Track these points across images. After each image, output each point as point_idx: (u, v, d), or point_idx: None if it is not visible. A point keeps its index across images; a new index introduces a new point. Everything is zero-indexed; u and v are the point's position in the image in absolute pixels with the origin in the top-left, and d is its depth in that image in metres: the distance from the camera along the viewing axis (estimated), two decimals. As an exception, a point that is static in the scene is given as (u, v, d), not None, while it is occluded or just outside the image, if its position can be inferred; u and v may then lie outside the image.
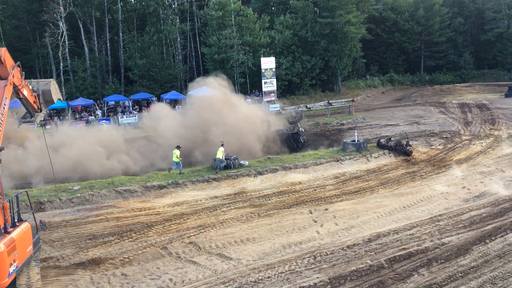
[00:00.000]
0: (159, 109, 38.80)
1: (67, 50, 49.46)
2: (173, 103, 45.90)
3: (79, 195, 21.02)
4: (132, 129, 37.20)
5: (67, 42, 49.08)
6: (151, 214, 19.26)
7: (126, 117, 41.29)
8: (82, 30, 51.59)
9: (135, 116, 41.69)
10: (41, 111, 16.24)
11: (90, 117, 40.82)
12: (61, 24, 47.94)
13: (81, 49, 52.39)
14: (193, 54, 59.70)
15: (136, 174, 25.35)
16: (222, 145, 25.22)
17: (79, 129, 34.97)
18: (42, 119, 17.24)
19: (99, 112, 42.59)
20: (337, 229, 17.29)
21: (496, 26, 68.61)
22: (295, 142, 31.26)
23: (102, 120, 40.14)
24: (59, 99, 17.22)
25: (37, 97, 15.55)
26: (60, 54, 48.51)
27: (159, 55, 53.39)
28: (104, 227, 17.85)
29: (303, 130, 31.58)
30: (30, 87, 15.58)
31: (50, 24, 47.79)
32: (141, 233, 17.15)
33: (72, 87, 49.41)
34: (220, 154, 24.77)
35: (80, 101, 43.44)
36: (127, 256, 15.05)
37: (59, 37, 48.30)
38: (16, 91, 14.31)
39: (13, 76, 13.46)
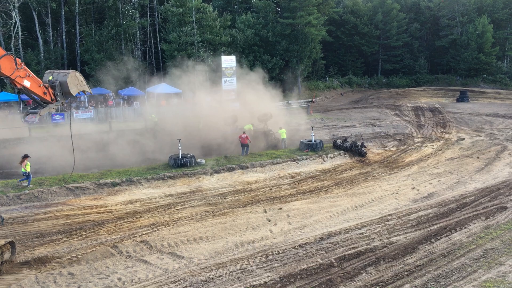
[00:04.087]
0: None
1: (20, 42, 47.75)
2: (131, 99, 45.15)
3: (27, 191, 20.33)
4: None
5: (20, 33, 47.40)
6: (103, 212, 18.85)
7: (81, 112, 40.23)
8: (36, 21, 49.97)
9: (91, 112, 40.70)
10: (56, 101, 15.53)
11: (43, 112, 39.45)
12: (14, 15, 46.25)
13: (35, 41, 50.73)
14: (152, 50, 58.90)
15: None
16: (280, 128, 30.52)
17: None
18: (52, 110, 16.56)
19: (52, 106, 41.21)
20: (290, 228, 17.46)
21: (450, 33, 71.25)
22: (266, 140, 31.05)
23: (56, 115, 38.95)
24: (83, 92, 16.40)
25: (49, 88, 14.95)
26: (12, 45, 46.74)
27: (118, 50, 52.34)
28: (52, 225, 17.33)
29: (271, 130, 31.50)
30: (50, 77, 15.14)
31: (3, 14, 45.99)
32: (91, 231, 16.76)
33: (24, 80, 47.61)
34: (283, 134, 30.16)
35: (33, 95, 41.91)
36: (75, 255, 14.66)
37: (12, 28, 46.57)
38: (13, 82, 13.91)
39: None
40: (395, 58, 72.94)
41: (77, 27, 53.17)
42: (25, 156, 21.64)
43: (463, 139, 33.58)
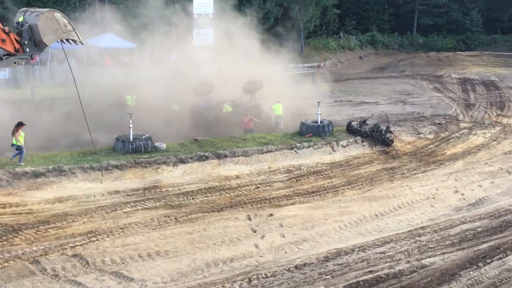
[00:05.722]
0: None
1: None
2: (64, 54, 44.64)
3: None
4: None
5: None
6: (20, 213, 18.78)
7: (-9, 72, 39.71)
8: None
9: (5, 71, 40.15)
10: (23, 52, 14.76)
11: None
12: None
13: None
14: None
15: None
16: (278, 102, 30.73)
17: None
18: (13, 66, 15.92)
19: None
20: (283, 242, 17.57)
21: (516, -23, 71.43)
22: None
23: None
24: (72, 40, 15.44)
25: (10, 34, 14.19)
26: None
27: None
28: None
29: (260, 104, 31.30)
30: (21, 19, 14.55)
31: None
32: (2, 239, 16.69)
33: None
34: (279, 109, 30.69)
35: None
36: (-21, 273, 14.62)
37: None
38: None
39: None
40: (438, 10, 73.03)
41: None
42: (19, 124, 21.99)
43: (528, 125, 34.01)
